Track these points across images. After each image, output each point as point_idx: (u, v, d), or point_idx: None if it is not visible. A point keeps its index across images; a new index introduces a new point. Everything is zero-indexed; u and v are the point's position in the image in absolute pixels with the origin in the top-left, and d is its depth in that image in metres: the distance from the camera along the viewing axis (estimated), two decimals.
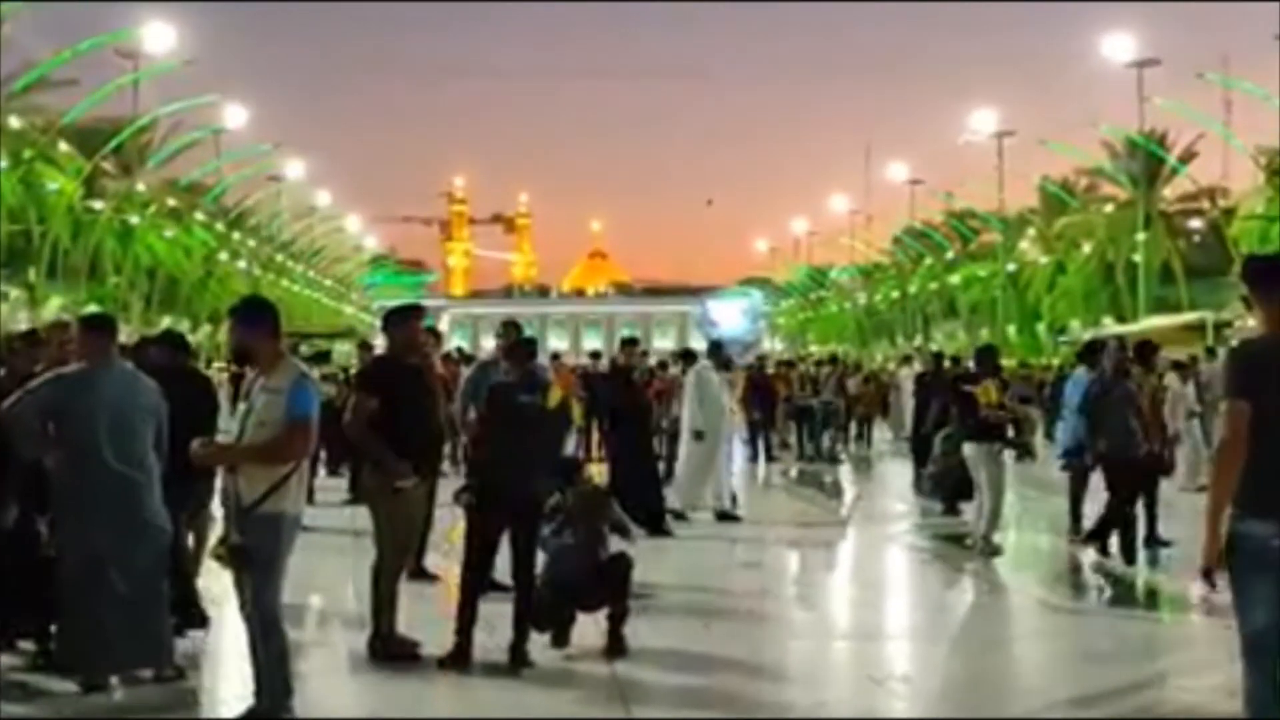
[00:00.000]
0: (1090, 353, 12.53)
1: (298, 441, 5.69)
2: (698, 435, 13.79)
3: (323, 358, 22.11)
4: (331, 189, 69.93)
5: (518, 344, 7.91)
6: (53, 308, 39.47)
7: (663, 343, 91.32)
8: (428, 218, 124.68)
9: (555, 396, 7.57)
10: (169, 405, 6.65)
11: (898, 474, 19.22)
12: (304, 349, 20.01)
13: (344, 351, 55.20)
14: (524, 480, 7.21)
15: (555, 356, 28.83)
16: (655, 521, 12.25)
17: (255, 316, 5.94)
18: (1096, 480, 11.44)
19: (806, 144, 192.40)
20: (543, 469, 7.39)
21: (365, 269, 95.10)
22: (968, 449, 11.48)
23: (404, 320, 7.46)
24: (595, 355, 25.17)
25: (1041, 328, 56.81)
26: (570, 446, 9.44)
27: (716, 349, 14.57)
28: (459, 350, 14.18)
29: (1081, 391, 11.68)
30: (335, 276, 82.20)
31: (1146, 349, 11.73)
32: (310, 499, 12.56)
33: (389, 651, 7.16)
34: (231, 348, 6.17)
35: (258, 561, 5.66)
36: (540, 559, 7.33)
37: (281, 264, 67.37)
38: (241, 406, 5.90)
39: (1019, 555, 11.74)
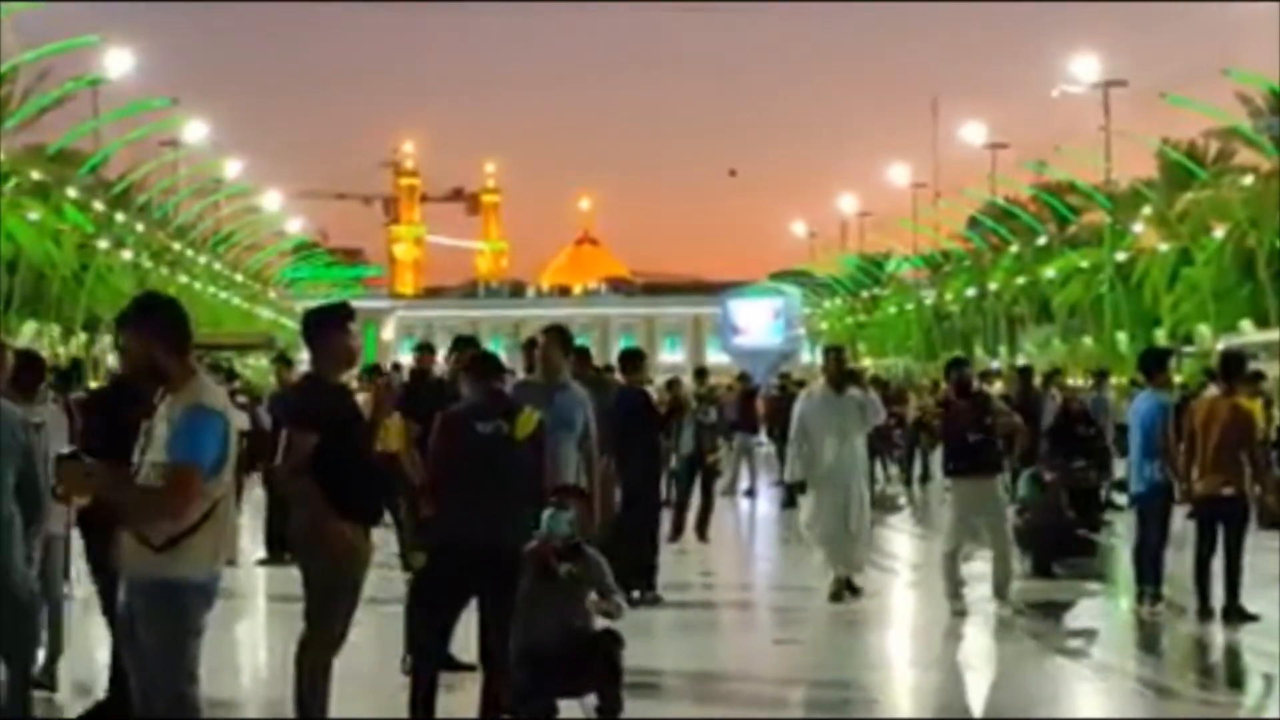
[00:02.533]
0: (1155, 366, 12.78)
1: (178, 495, 5.61)
2: (797, 489, 13.70)
3: (226, 377, 22.25)
4: (244, 157, 70.17)
5: (480, 358, 8.06)
6: None
7: (671, 356, 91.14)
8: (367, 195, 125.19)
9: (528, 424, 7.64)
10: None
11: None
12: (204, 364, 19.51)
13: (259, 368, 55.10)
14: (492, 531, 7.27)
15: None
16: (646, 576, 12.56)
17: (147, 321, 5.92)
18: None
19: (856, 96, 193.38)
20: (515, 516, 7.48)
21: (288, 260, 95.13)
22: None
23: (331, 325, 7.45)
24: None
25: (1161, 334, 56.58)
26: (572, 470, 9.49)
27: (836, 355, 13.65)
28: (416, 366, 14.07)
29: (1148, 413, 12.12)
30: (249, 270, 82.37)
31: (1232, 363, 12.52)
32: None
33: None
34: (126, 363, 6.13)
35: (148, 644, 5.68)
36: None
37: (179, 254, 67.35)
38: (140, 440, 5.92)
39: (1130, 631, 12.00)
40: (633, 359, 13.63)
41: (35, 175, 50.60)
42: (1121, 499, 16.44)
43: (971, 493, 12.50)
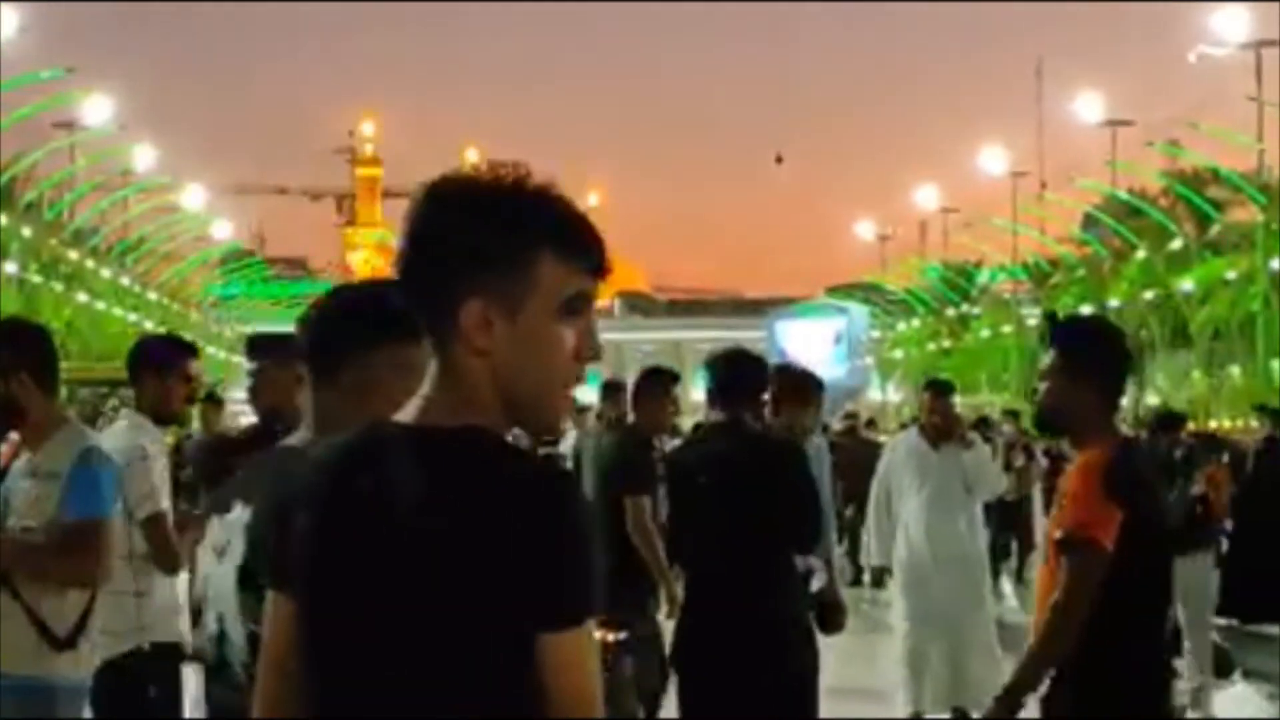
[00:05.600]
0: None
1: (90, 556, 5.91)
2: (875, 580, 13.24)
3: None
4: (159, 143, 70.61)
5: None
6: None
7: (700, 392, 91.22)
8: (315, 190, 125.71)
9: None
10: None
11: None
12: (111, 406, 20.11)
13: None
14: None
15: None
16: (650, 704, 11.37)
17: (4, 351, 6.13)
18: None
19: (937, 61, 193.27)
20: None
21: (215, 273, 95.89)
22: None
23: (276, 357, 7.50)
24: (584, 410, 25.03)
25: None
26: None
27: (938, 393, 12.88)
28: None
29: None
30: (165, 286, 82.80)
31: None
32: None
33: None
34: None
35: None
36: None
37: (76, 265, 67.72)
38: None
39: None
40: (654, 381, 11.48)
41: None
42: None
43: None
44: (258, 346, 7.62)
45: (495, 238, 2.80)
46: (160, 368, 7.37)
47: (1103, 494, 5.77)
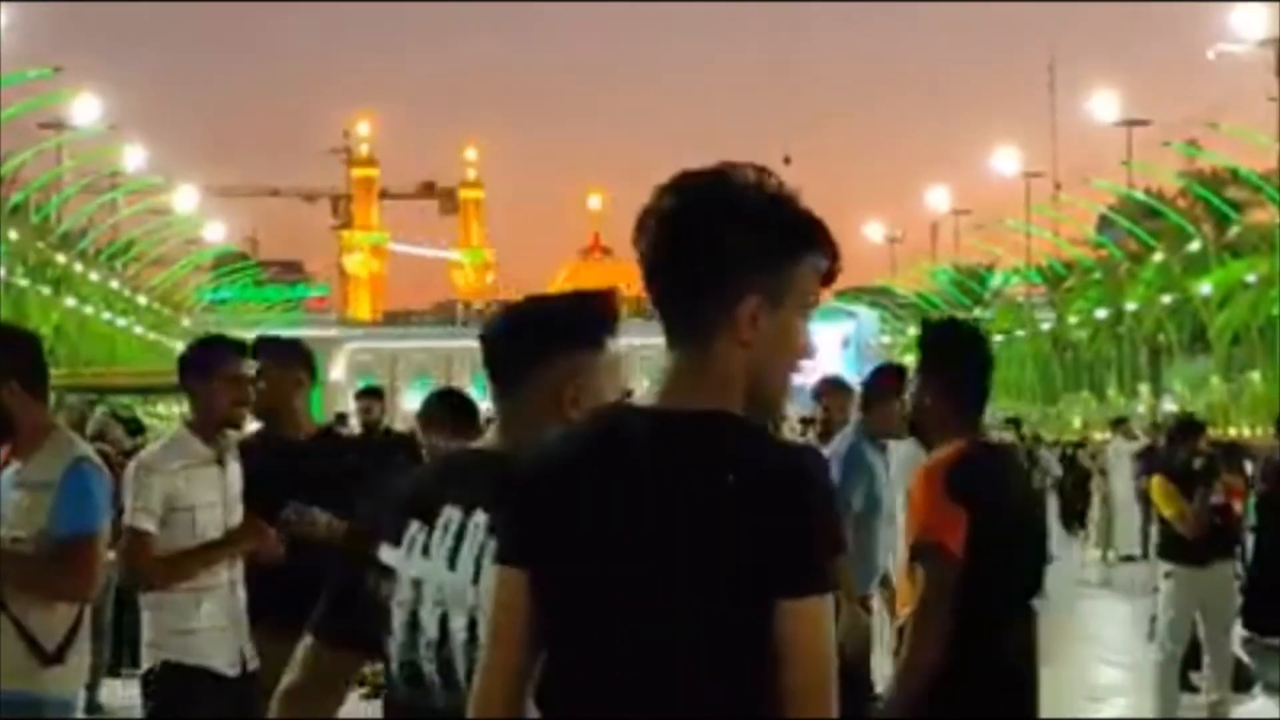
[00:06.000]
0: None
1: (83, 573, 5.90)
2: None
3: (130, 429, 21.32)
4: (149, 144, 70.76)
5: (455, 407, 8.28)
6: None
7: None
8: (310, 191, 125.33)
9: None
10: None
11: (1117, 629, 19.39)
12: (100, 412, 19.96)
13: (169, 417, 54.68)
14: None
15: None
16: None
17: None
18: None
19: (948, 58, 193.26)
20: None
21: (207, 277, 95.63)
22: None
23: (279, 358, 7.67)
24: None
25: None
26: None
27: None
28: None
29: None
30: (156, 290, 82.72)
31: None
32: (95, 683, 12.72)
33: None
34: None
35: None
36: None
37: (64, 269, 67.65)
38: None
39: None
40: None
41: None
42: None
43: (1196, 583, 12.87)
44: (260, 349, 7.69)
45: (769, 241, 3.14)
46: (202, 373, 7.16)
47: (945, 496, 5.82)
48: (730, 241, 3.12)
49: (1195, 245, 65.10)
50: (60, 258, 67.02)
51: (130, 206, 75.06)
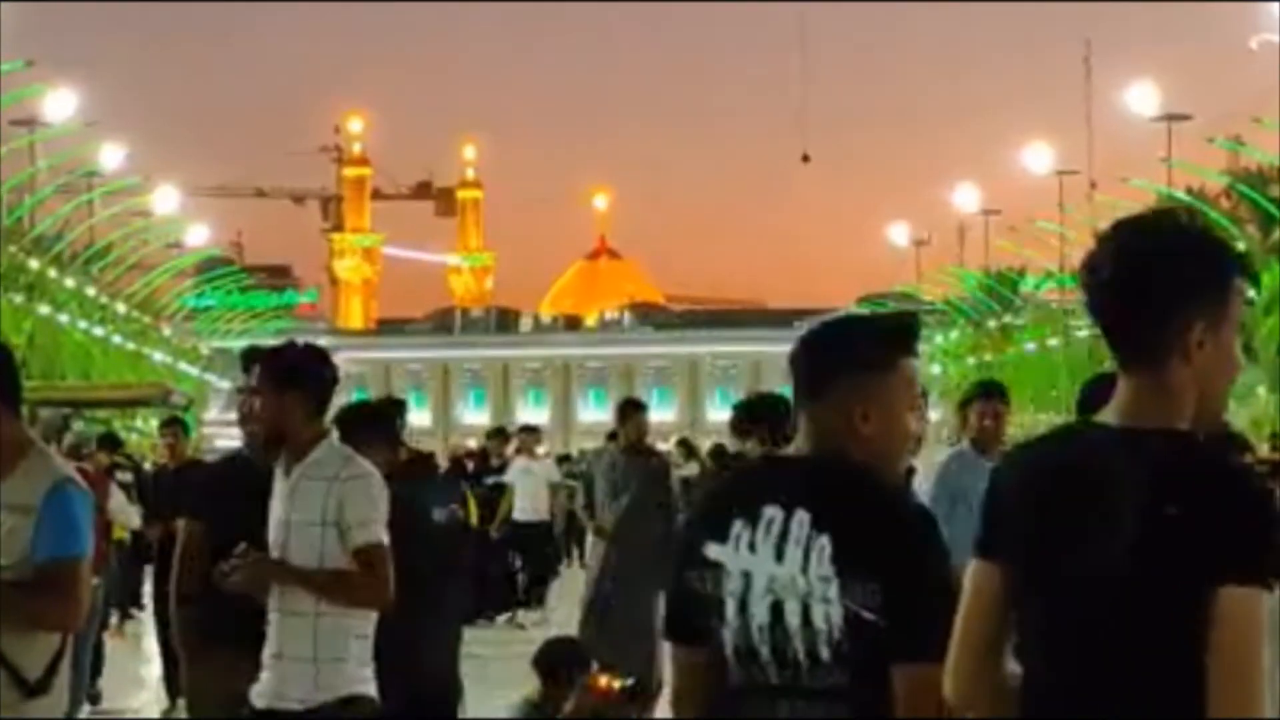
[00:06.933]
0: None
1: (70, 600, 6.11)
2: None
3: (107, 443, 22.93)
4: (128, 141, 71.27)
5: (367, 417, 9.47)
6: None
7: (721, 412, 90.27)
8: (298, 192, 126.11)
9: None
10: None
11: None
12: (76, 428, 21.15)
13: (149, 432, 55.14)
14: (435, 656, 8.99)
15: (530, 430, 29.81)
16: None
17: None
18: None
19: (976, 49, 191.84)
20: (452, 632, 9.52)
21: (189, 283, 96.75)
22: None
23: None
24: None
25: None
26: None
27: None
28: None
29: None
30: (135, 298, 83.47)
31: None
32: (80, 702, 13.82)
33: None
34: None
35: None
36: None
37: (37, 275, 67.80)
38: None
39: None
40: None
41: None
42: None
43: None
44: (255, 361, 7.84)
45: (1212, 274, 3.82)
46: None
47: None
48: (1183, 276, 3.80)
49: (1240, 247, 63.31)
50: (33, 263, 67.61)
51: (107, 209, 75.93)
